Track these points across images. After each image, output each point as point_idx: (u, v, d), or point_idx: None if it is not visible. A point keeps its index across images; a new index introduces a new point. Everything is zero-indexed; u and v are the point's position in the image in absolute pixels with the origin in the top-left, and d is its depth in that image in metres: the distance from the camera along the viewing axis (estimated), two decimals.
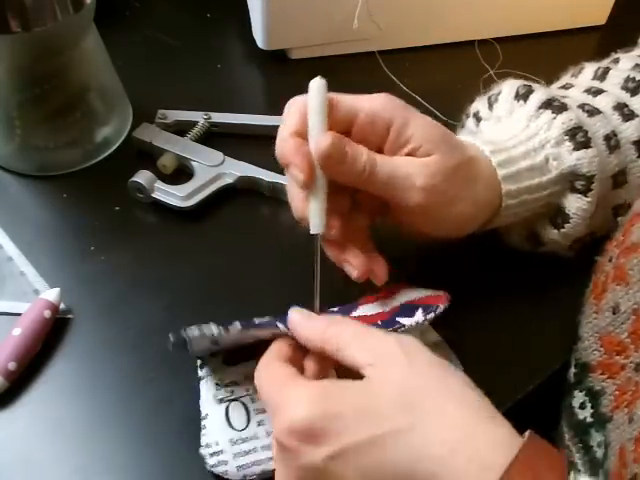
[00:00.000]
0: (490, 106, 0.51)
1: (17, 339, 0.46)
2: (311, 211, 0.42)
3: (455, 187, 0.43)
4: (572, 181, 0.46)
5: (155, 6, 0.73)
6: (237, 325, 0.41)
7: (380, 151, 0.43)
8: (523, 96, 0.48)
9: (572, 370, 0.44)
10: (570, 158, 0.46)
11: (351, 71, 0.67)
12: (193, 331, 0.41)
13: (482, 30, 0.69)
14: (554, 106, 0.47)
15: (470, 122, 0.53)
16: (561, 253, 0.50)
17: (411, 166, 0.42)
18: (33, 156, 0.58)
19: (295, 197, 0.43)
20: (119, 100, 0.61)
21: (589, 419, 0.42)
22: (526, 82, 0.50)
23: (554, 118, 0.46)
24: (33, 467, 0.43)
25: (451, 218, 0.45)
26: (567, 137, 0.46)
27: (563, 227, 0.48)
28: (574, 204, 0.47)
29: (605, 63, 0.53)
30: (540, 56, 0.69)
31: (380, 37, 0.67)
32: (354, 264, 0.44)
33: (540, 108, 0.47)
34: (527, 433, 0.33)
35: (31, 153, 0.58)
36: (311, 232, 0.42)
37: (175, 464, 0.43)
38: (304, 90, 0.43)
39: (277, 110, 0.62)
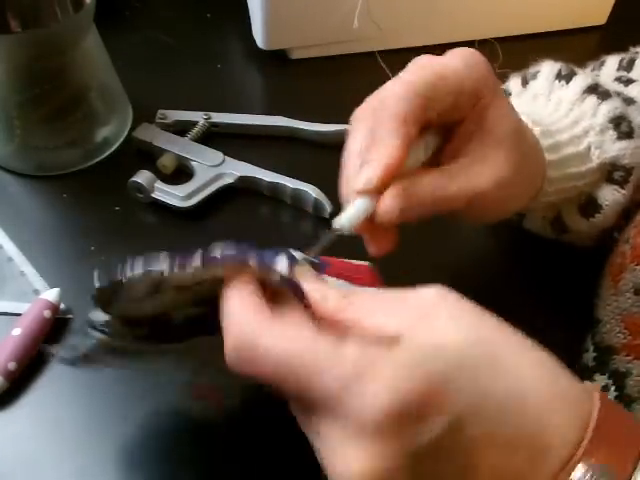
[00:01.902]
0: (525, 83, 0.49)
1: (17, 339, 0.46)
2: (349, 210, 0.37)
3: (515, 184, 0.41)
4: (610, 172, 0.45)
5: (155, 6, 0.73)
6: (197, 258, 0.32)
7: (453, 117, 0.39)
8: (565, 77, 0.47)
9: (590, 354, 0.44)
10: (612, 148, 0.44)
11: (351, 71, 0.67)
12: (135, 265, 0.31)
13: (482, 30, 0.69)
14: (599, 92, 0.45)
15: None
16: (581, 243, 0.49)
17: (479, 167, 0.39)
18: (33, 156, 0.58)
19: (350, 166, 0.38)
20: (119, 100, 0.61)
21: None
22: (568, 64, 0.48)
23: (599, 104, 0.45)
24: (33, 467, 0.43)
25: (497, 210, 0.43)
26: (611, 125, 0.45)
27: (593, 217, 0.46)
28: (609, 195, 0.46)
29: (627, 55, 0.52)
30: (540, 56, 0.68)
31: (380, 37, 0.67)
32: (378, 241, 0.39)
33: (585, 92, 0.46)
34: (597, 400, 0.29)
35: (31, 153, 0.58)
36: (333, 226, 0.37)
37: (175, 464, 0.43)
38: (304, 90, 0.43)
39: (277, 110, 0.63)
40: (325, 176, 0.56)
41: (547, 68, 0.49)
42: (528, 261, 0.52)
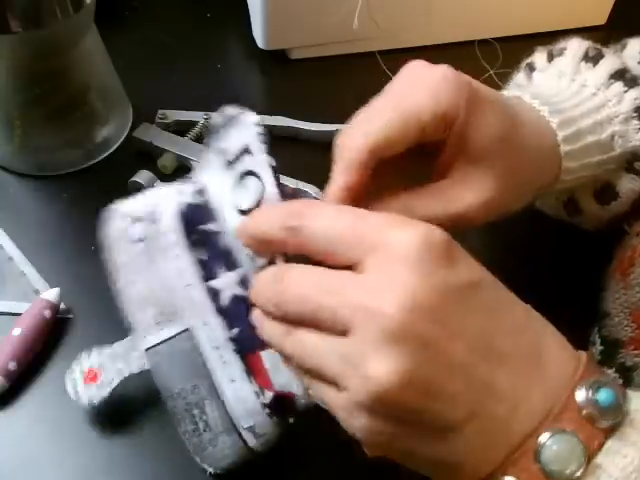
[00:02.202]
0: (550, 58, 0.48)
1: (17, 339, 0.46)
2: None
3: (508, 193, 0.39)
4: (630, 161, 0.45)
5: (155, 6, 0.73)
6: None
7: (427, 142, 0.37)
8: (593, 59, 0.46)
9: (597, 348, 0.44)
10: (636, 137, 0.44)
11: (351, 71, 0.66)
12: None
13: (482, 30, 0.69)
14: (626, 78, 0.45)
15: (521, 76, 0.50)
16: (592, 227, 0.49)
17: (459, 189, 0.37)
18: (33, 156, 0.58)
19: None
20: (119, 100, 0.61)
21: None
22: (595, 44, 0.47)
23: (626, 92, 0.44)
24: (33, 467, 0.43)
25: (494, 215, 0.40)
26: (636, 115, 0.44)
27: (609, 204, 0.46)
28: (627, 184, 0.45)
29: None
30: None
31: (380, 37, 0.67)
32: None
33: (612, 77, 0.45)
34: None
35: (31, 153, 0.58)
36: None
37: (176, 464, 0.43)
38: (304, 90, 0.43)
39: (277, 110, 0.63)
40: (325, 176, 0.56)
41: (574, 46, 0.47)
42: (532, 254, 0.52)
